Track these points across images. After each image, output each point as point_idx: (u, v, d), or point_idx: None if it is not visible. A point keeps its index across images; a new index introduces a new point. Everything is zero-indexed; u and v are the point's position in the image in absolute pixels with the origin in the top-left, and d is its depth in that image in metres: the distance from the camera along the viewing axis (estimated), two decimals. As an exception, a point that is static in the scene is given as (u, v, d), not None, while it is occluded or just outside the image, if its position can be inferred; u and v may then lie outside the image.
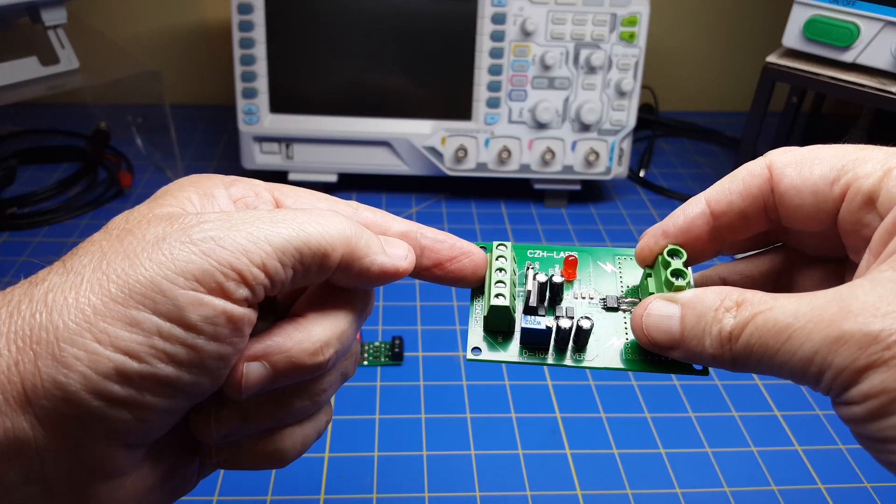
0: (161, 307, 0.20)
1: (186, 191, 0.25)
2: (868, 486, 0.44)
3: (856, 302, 0.20)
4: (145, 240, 0.21)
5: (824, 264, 0.28)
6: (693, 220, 0.26)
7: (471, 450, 0.45)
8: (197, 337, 0.21)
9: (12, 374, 0.20)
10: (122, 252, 0.21)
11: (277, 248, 0.22)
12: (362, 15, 0.65)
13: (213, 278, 0.21)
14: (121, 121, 0.79)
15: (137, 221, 0.23)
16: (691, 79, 0.95)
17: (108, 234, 0.22)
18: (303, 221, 0.23)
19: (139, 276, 0.21)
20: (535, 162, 0.69)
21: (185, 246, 0.21)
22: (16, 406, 0.20)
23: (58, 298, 0.20)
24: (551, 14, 0.64)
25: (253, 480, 0.43)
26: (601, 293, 0.28)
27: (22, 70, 0.64)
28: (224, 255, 0.21)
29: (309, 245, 0.23)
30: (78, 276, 0.21)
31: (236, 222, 0.22)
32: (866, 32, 0.56)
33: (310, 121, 0.68)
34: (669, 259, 0.26)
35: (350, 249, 0.24)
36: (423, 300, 0.58)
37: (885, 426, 0.19)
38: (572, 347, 0.27)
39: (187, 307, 0.21)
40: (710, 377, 0.52)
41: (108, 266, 0.21)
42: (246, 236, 0.22)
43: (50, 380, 0.20)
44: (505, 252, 0.28)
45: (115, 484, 0.22)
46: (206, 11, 0.87)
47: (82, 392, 0.20)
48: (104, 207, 0.69)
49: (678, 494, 0.43)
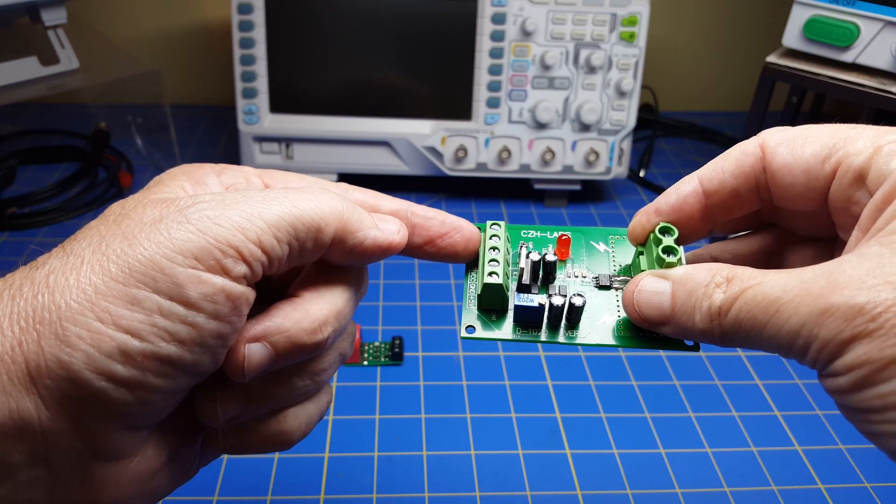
0: (161, 285, 0.21)
1: (178, 179, 0.25)
2: (868, 486, 0.44)
3: (843, 276, 0.20)
4: (143, 222, 0.22)
5: (815, 244, 0.28)
6: (685, 197, 0.27)
7: (471, 450, 0.45)
8: (197, 315, 0.21)
9: (16, 355, 0.20)
10: (121, 234, 0.22)
11: (272, 224, 0.22)
12: (362, 15, 0.65)
13: (211, 255, 0.21)
14: (120, 121, 0.79)
15: (133, 206, 0.23)
16: (691, 79, 0.95)
17: (105, 219, 0.23)
18: (295, 198, 0.23)
19: (139, 255, 0.21)
20: (535, 162, 0.69)
21: (182, 225, 0.21)
22: (20, 386, 0.20)
23: (59, 280, 0.21)
24: (551, 14, 0.64)
25: (253, 480, 0.43)
26: (594, 272, 0.29)
27: (22, 70, 0.64)
28: (221, 232, 0.22)
29: (302, 220, 0.23)
30: (78, 259, 0.21)
31: (231, 202, 0.23)
32: (866, 32, 0.56)
33: (310, 121, 0.68)
34: (661, 236, 0.26)
35: (342, 224, 0.24)
36: (423, 300, 0.58)
37: (867, 396, 0.19)
38: (565, 325, 0.27)
39: (187, 285, 0.21)
40: (711, 377, 0.52)
41: (107, 247, 0.21)
42: (241, 214, 0.22)
43: (53, 359, 0.20)
44: (499, 231, 0.28)
45: (118, 466, 0.23)
46: (206, 11, 0.87)
47: (85, 371, 0.20)
48: (104, 207, 0.69)
49: (678, 494, 0.43)
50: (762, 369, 0.53)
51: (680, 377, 0.52)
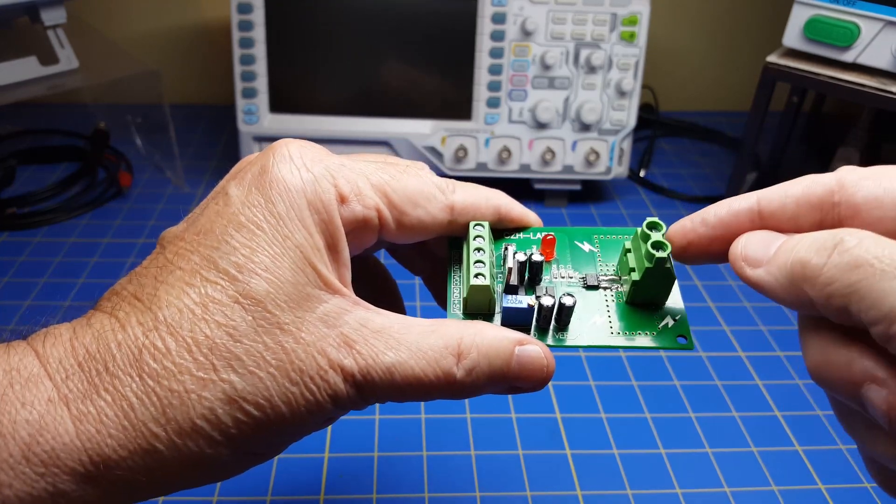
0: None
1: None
2: (868, 486, 0.44)
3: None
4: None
5: None
6: (737, 213, 0.24)
7: (471, 450, 0.45)
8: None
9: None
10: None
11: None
12: (362, 14, 0.65)
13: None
14: (120, 121, 0.79)
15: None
16: (691, 79, 0.95)
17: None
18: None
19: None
20: (535, 162, 0.69)
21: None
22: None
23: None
24: (551, 14, 0.64)
25: (253, 480, 0.43)
26: (580, 272, 0.28)
27: (21, 70, 0.64)
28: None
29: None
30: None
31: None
32: (866, 32, 0.56)
33: (310, 121, 0.68)
34: (649, 232, 0.26)
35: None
36: (422, 300, 0.58)
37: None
38: (554, 327, 0.26)
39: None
40: (711, 377, 0.52)
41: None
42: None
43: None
44: (482, 232, 0.27)
45: None
46: (205, 11, 0.87)
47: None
48: (103, 207, 0.69)
49: (678, 494, 0.43)
50: (762, 369, 0.53)
51: (680, 377, 0.52)
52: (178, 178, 0.73)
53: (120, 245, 0.64)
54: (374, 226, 0.26)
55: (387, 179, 0.26)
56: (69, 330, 0.22)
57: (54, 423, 0.20)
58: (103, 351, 0.21)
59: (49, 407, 0.20)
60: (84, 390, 0.21)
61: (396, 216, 0.26)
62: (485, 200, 0.28)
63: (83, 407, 0.21)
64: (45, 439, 0.20)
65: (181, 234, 0.24)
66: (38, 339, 0.22)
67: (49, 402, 0.21)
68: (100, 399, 0.21)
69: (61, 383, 0.21)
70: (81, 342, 0.22)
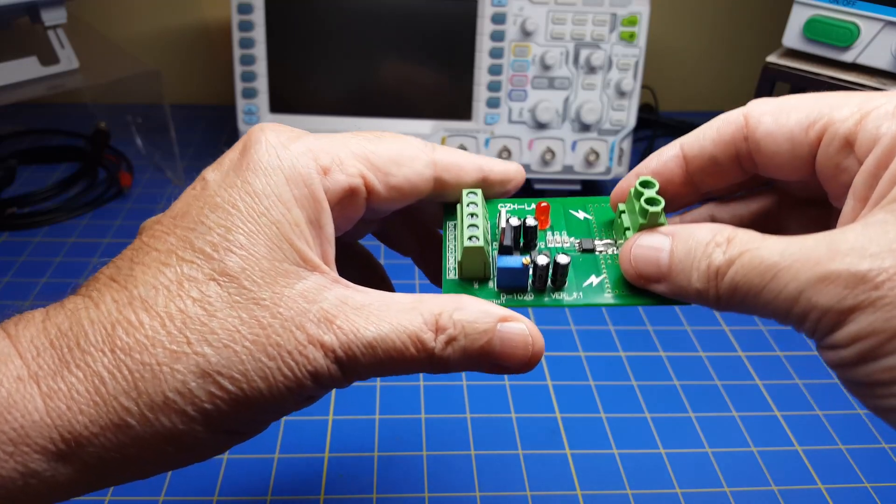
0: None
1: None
2: (868, 486, 0.44)
3: (844, 243, 0.19)
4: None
5: (813, 208, 0.27)
6: (666, 162, 0.27)
7: (471, 450, 0.45)
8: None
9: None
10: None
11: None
12: (362, 15, 0.65)
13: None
14: (121, 121, 0.79)
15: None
16: (691, 79, 0.95)
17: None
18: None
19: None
20: (535, 162, 0.69)
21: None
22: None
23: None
24: (551, 14, 0.64)
25: (253, 480, 0.43)
26: (576, 238, 0.28)
27: (22, 70, 0.64)
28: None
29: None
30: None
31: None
32: (866, 32, 0.56)
33: (310, 121, 0.68)
34: (642, 189, 0.26)
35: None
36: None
37: (874, 369, 0.19)
38: (550, 287, 0.26)
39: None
40: (711, 377, 0.52)
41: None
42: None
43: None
44: (476, 199, 0.27)
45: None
46: (205, 11, 0.87)
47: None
48: (104, 207, 0.69)
49: (678, 494, 0.43)
50: (762, 369, 0.53)
51: (680, 377, 0.52)
52: (179, 179, 0.73)
53: (120, 245, 0.63)
54: (361, 193, 0.26)
55: (366, 146, 0.26)
56: (42, 313, 0.22)
57: (23, 400, 0.20)
58: (76, 328, 0.21)
59: (18, 385, 0.20)
60: (55, 367, 0.21)
61: (382, 178, 0.26)
62: (465, 156, 0.29)
63: (53, 384, 0.20)
64: (13, 417, 0.20)
65: (159, 219, 0.25)
66: (10, 323, 0.22)
67: (18, 380, 0.20)
68: (71, 375, 0.21)
69: (31, 361, 0.21)
70: (54, 322, 0.22)
